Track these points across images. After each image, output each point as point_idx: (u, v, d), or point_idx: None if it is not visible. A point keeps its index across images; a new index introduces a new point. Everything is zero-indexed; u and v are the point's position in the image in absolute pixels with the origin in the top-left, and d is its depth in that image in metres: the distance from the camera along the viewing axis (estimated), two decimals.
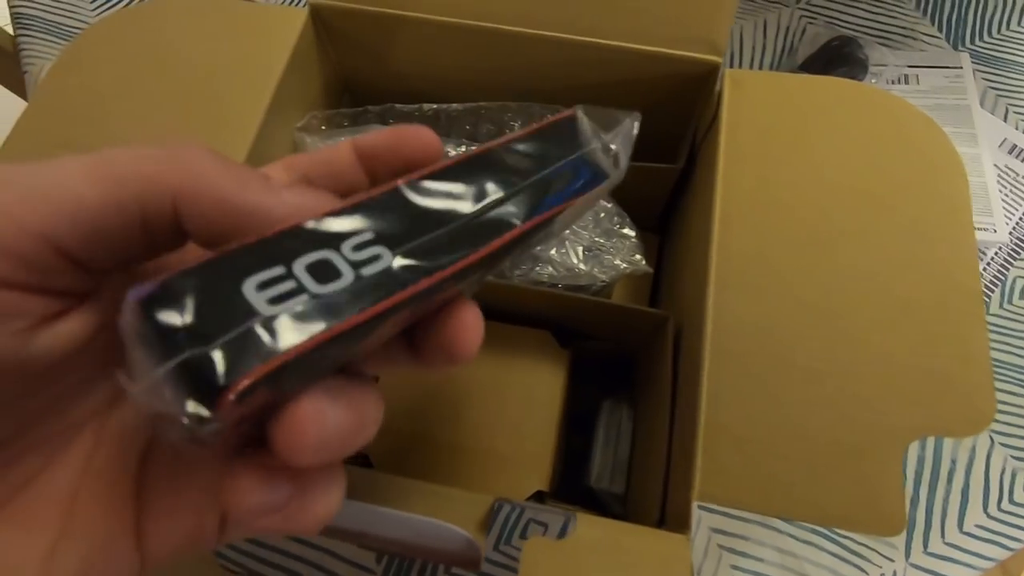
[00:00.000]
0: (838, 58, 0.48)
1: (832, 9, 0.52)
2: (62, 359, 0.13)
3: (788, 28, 0.52)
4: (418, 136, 0.16)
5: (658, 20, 0.28)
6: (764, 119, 0.26)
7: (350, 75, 0.35)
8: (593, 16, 0.28)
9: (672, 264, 0.32)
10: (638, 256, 0.29)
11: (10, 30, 0.55)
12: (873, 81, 0.48)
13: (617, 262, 0.29)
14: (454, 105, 0.32)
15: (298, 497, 0.13)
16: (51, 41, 0.51)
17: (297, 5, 0.49)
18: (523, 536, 0.20)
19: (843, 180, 0.23)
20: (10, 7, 0.54)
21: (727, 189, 0.25)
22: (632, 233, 0.29)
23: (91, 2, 0.53)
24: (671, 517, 0.23)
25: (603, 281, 0.29)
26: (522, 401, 0.30)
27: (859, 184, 0.23)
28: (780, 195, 0.23)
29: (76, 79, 0.26)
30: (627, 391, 0.34)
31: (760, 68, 0.50)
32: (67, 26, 0.52)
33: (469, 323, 0.14)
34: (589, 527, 0.20)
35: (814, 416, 0.20)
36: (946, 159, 0.22)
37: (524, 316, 0.31)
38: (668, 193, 0.34)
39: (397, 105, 0.32)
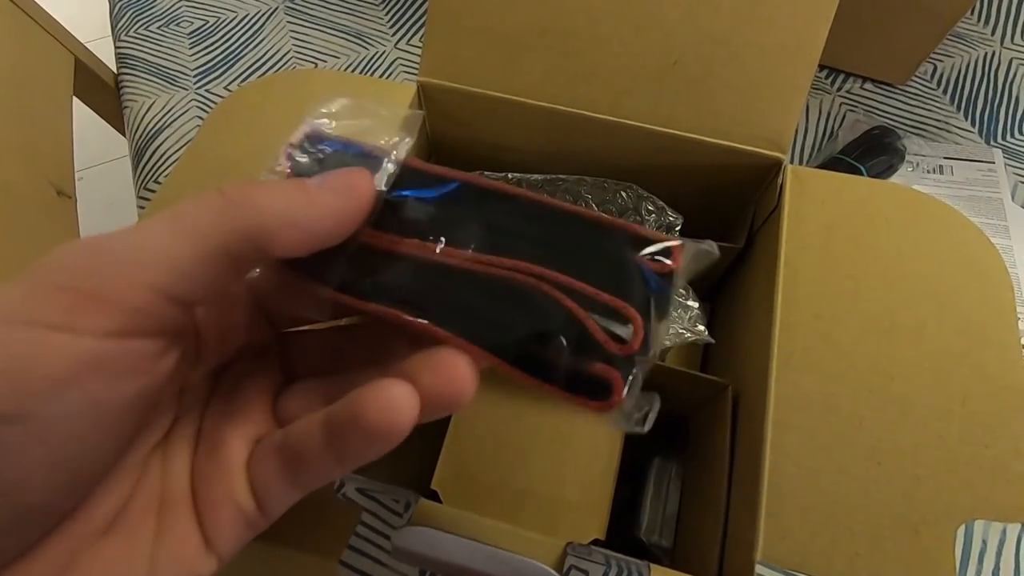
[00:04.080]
0: (878, 146, 0.51)
1: (870, 99, 0.56)
2: (163, 388, 0.14)
3: (829, 113, 0.56)
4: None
5: (732, 119, 0.31)
6: (825, 215, 0.29)
7: (438, 140, 0.39)
8: (673, 110, 0.32)
9: (726, 334, 0.35)
10: (701, 327, 0.31)
11: (113, 67, 0.60)
12: (910, 170, 0.52)
13: (681, 330, 0.31)
14: (535, 176, 0.35)
15: None
16: (152, 81, 0.56)
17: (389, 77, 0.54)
18: None
19: (902, 279, 0.26)
20: (115, 47, 0.59)
21: (789, 273, 0.28)
22: (696, 304, 0.32)
23: (189, 48, 0.58)
24: (731, 575, 0.25)
25: (666, 347, 0.31)
26: (587, 451, 0.32)
27: (917, 284, 0.25)
28: (843, 286, 0.26)
29: (224, 137, 0.30)
30: (675, 448, 0.36)
31: (802, 150, 0.53)
32: (167, 68, 0.56)
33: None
34: None
35: (876, 491, 0.22)
36: (995, 268, 0.25)
37: None
38: (724, 268, 0.37)
39: (486, 172, 0.35)
